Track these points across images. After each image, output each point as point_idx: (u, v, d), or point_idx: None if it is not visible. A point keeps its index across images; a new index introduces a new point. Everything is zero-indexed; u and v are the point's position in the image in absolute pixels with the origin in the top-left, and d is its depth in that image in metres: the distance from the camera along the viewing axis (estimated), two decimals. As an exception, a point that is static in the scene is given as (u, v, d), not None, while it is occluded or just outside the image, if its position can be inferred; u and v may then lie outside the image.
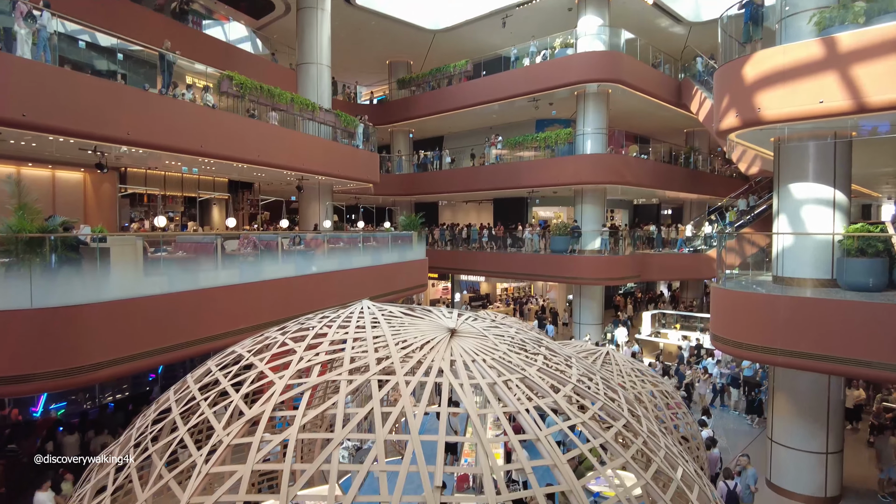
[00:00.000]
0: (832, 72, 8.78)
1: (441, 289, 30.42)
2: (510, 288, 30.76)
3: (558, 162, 21.16)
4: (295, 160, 15.32)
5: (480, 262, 23.92)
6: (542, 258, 21.42)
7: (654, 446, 4.70)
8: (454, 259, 24.76)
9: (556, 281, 24.98)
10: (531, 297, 30.14)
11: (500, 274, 24.79)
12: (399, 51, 27.24)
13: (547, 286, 30.14)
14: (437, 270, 26.56)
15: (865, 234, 9.35)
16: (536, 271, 22.07)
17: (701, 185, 25.07)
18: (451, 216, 31.48)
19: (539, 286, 30.78)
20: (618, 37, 21.04)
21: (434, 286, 30.41)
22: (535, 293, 30.89)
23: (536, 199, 26.86)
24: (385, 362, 4.54)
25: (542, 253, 21.81)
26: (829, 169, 10.15)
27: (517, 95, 22.02)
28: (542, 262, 21.48)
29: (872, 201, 28.77)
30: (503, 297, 30.19)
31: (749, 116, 9.61)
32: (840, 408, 11.14)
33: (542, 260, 21.41)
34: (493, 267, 23.64)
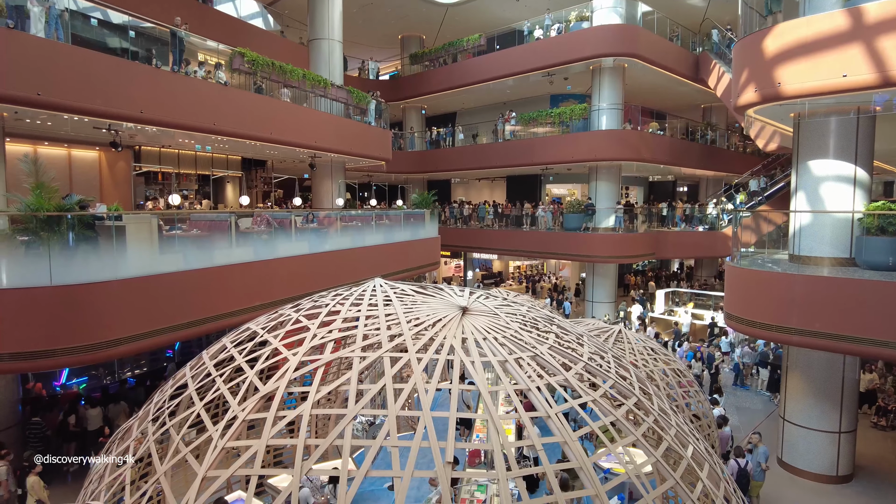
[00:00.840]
0: (857, 44, 8.52)
1: (454, 266, 30.47)
2: (523, 266, 30.73)
3: (573, 138, 20.88)
4: (307, 137, 15.29)
5: (493, 240, 23.86)
6: (556, 236, 21.30)
7: (665, 424, 4.72)
8: (466, 237, 24.72)
9: (569, 259, 24.87)
10: (544, 275, 30.09)
11: (513, 252, 24.73)
12: (411, 25, 26.89)
13: (560, 264, 30.04)
14: (450, 248, 26.55)
15: (887, 211, 9.15)
16: (549, 249, 21.97)
17: (718, 162, 24.64)
18: (465, 194, 31.35)
19: (552, 264, 30.69)
20: (634, 9, 20.55)
21: (447, 264, 30.45)
22: (548, 271, 30.83)
23: (550, 177, 26.62)
24: (397, 339, 4.59)
25: (555, 231, 21.69)
26: (851, 145, 9.91)
27: (531, 70, 21.69)
28: (555, 240, 21.36)
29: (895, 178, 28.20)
30: (516, 274, 30.17)
31: (769, 91, 9.38)
32: (854, 387, 11.06)
33: (556, 238, 21.29)
34: (505, 245, 23.57)
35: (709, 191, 27.72)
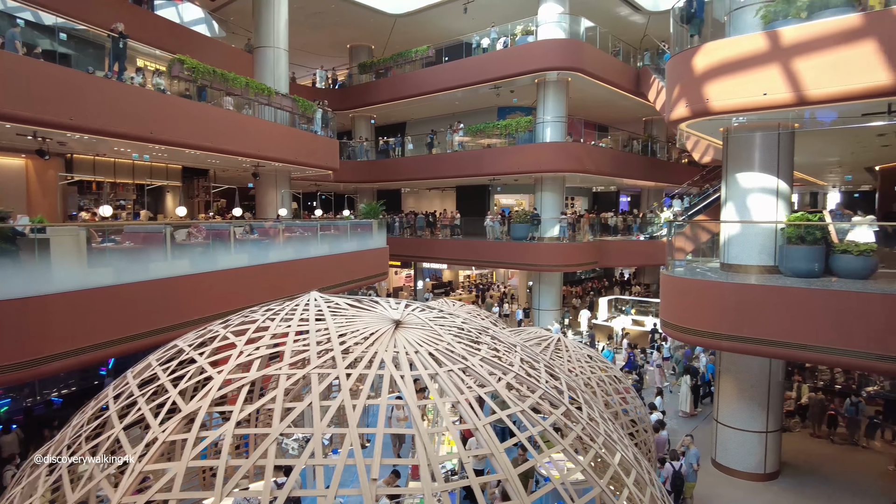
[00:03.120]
0: (775, 65, 9.03)
1: (404, 276, 30.39)
2: (473, 275, 30.94)
3: (519, 149, 21.28)
4: (250, 146, 14.99)
5: (442, 250, 23.98)
6: (504, 245, 21.59)
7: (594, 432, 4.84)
8: (416, 247, 24.74)
9: (516, 268, 25.25)
10: (493, 284, 30.39)
11: (463, 261, 24.92)
12: (360, 35, 26.85)
13: (509, 273, 30.43)
14: (400, 258, 26.50)
15: (805, 222, 9.71)
16: (498, 258, 22.25)
17: (658, 173, 25.59)
18: (415, 203, 31.37)
19: (501, 273, 31.04)
20: (577, 25, 21.15)
21: (397, 274, 30.35)
22: (498, 280, 31.15)
23: (498, 187, 26.98)
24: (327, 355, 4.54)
25: (503, 240, 21.99)
26: (774, 159, 10.48)
27: (479, 82, 22.00)
28: (503, 250, 21.65)
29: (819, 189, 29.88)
30: (466, 283, 30.34)
31: (698, 107, 9.83)
32: (780, 389, 11.64)
33: (504, 247, 21.58)
34: (455, 254, 23.72)
35: (650, 200, 28.71)
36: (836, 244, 9.83)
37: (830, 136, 12.12)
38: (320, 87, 28.18)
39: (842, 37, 8.49)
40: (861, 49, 8.30)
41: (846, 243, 9.72)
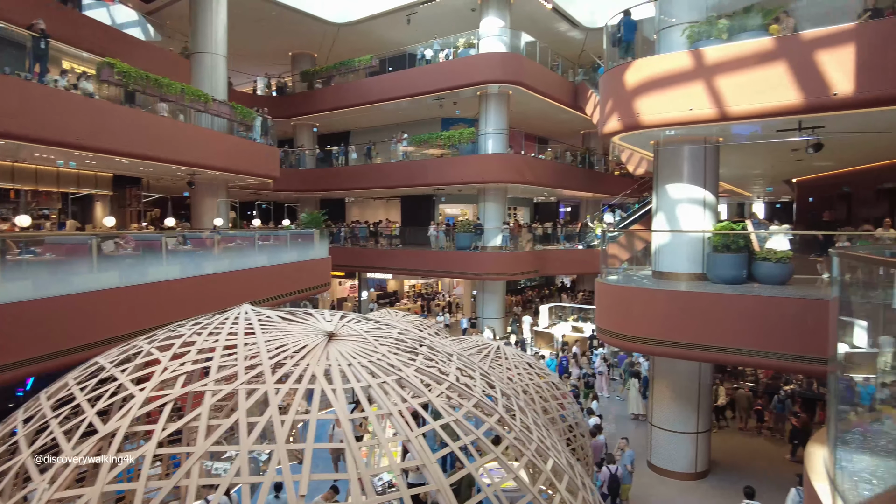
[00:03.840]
0: (700, 82, 9.53)
1: (349, 287, 30.04)
2: (418, 285, 30.93)
3: (462, 160, 21.52)
4: (185, 154, 14.51)
5: (387, 260, 23.88)
6: (448, 255, 21.73)
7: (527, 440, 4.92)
8: (360, 257, 24.54)
9: (460, 277, 25.43)
10: (438, 293, 30.46)
11: (407, 271, 24.89)
12: (302, 43, 26.54)
13: (454, 282, 30.60)
14: (344, 268, 26.20)
15: (728, 231, 10.24)
16: (442, 268, 22.36)
17: (596, 184, 26.42)
18: (360, 213, 31.13)
19: (447, 282, 31.18)
20: (518, 39, 21.64)
21: (341, 284, 29.97)
22: (443, 289, 31.26)
23: (443, 197, 27.15)
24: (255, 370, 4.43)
25: (447, 249, 22.12)
26: (701, 171, 11.02)
27: (422, 93, 22.14)
28: (447, 259, 21.78)
29: (746, 200, 31.62)
30: (411, 293, 30.29)
31: (629, 121, 10.23)
32: (709, 391, 12.18)
33: (448, 256, 21.71)
34: (399, 264, 23.68)
35: (588, 210, 29.56)
36: (757, 252, 10.41)
37: (752, 150, 12.85)
38: (261, 95, 27.65)
39: (757, 58, 9.06)
40: (774, 70, 8.88)
41: (766, 251, 10.32)
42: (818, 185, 19.28)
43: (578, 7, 23.14)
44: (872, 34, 8.19)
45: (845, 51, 8.29)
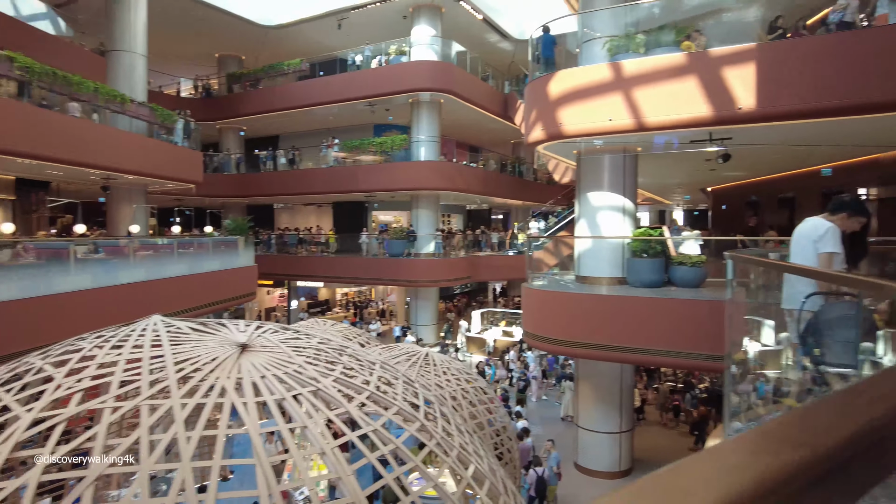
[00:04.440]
0: (618, 93, 9.92)
1: (277, 296, 29.21)
2: (350, 292, 30.48)
3: (394, 167, 21.45)
4: (98, 157, 13.64)
5: (318, 268, 23.39)
6: (380, 262, 21.55)
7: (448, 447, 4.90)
8: (290, 265, 23.91)
9: (393, 284, 25.30)
10: (372, 301, 30.14)
11: (339, 279, 24.50)
12: (230, 45, 25.72)
13: (388, 290, 30.37)
14: (273, 277, 25.46)
15: (646, 237, 10.68)
16: (375, 275, 22.17)
17: (526, 193, 27.02)
18: (290, 220, 30.35)
19: (380, 290, 30.91)
20: (449, 48, 21.87)
21: (270, 294, 29.11)
22: (377, 297, 30.96)
23: (375, 204, 26.94)
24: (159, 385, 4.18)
25: (380, 257, 21.93)
26: (620, 179, 11.47)
27: (353, 99, 21.93)
28: (380, 266, 21.60)
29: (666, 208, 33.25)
30: (343, 301, 29.80)
31: (552, 130, 10.50)
32: (630, 392, 12.64)
33: (381, 264, 21.53)
34: (330, 272, 23.27)
35: (519, 218, 30.19)
36: (673, 257, 10.91)
37: (668, 160, 13.49)
38: (186, 97, 26.54)
39: (671, 72, 9.53)
40: (686, 84, 9.36)
41: (681, 256, 10.84)
42: (730, 193, 20.53)
43: (508, 19, 23.66)
44: (770, 54, 8.80)
45: (748, 68, 8.86)
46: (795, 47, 8.73)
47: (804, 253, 3.65)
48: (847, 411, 0.62)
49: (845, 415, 0.61)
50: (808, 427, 0.58)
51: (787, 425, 0.59)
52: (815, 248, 3.56)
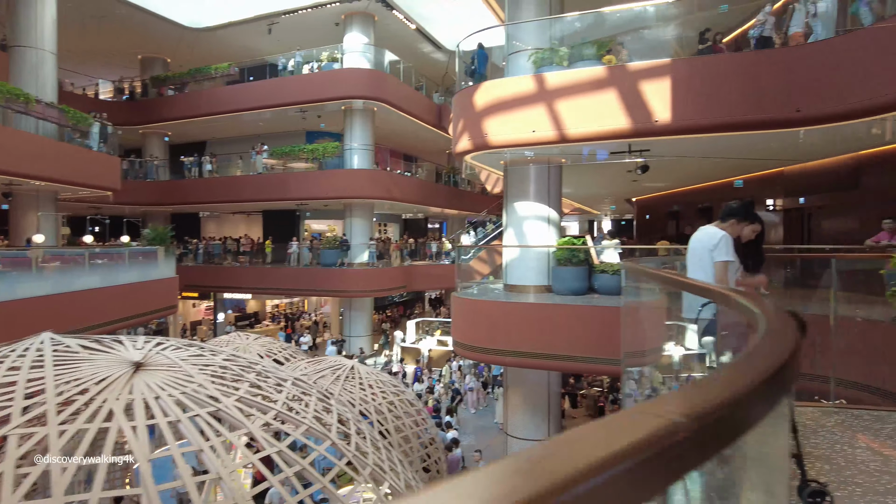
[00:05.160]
0: (542, 105, 10.10)
1: (203, 309, 28.00)
2: (282, 304, 29.60)
3: (327, 175, 21.08)
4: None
5: (246, 279, 22.58)
6: (312, 272, 21.04)
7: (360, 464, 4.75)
8: (216, 276, 22.95)
9: (326, 295, 24.80)
10: (304, 313, 29.39)
11: (269, 290, 23.73)
12: (154, 46, 24.60)
13: (321, 300, 29.74)
14: (198, 289, 24.42)
15: (570, 246, 10.91)
16: (306, 286, 21.66)
17: (461, 202, 27.18)
18: (217, 229, 29.21)
19: (314, 301, 30.21)
20: (382, 56, 21.80)
21: (195, 307, 27.87)
22: (310, 308, 30.22)
23: (307, 213, 26.36)
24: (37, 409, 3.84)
25: (311, 267, 21.42)
26: (546, 190, 11.67)
27: (284, 105, 21.44)
28: (311, 277, 21.08)
29: (595, 217, 34.37)
30: (274, 313, 28.90)
31: (478, 141, 10.57)
32: (558, 398, 12.83)
33: (312, 274, 21.02)
34: (259, 283, 22.52)
35: (454, 227, 30.34)
36: (596, 265, 11.18)
37: (593, 171, 13.88)
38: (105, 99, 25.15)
39: (592, 85, 9.80)
40: (607, 96, 9.64)
41: (604, 264, 11.13)
42: (653, 204, 21.41)
43: (442, 29, 23.80)
44: (683, 70, 9.20)
45: (663, 83, 9.23)
46: (704, 64, 9.18)
47: (701, 262, 3.75)
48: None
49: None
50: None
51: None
52: (711, 258, 3.65)
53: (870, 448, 3.42)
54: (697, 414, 0.67)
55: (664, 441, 0.60)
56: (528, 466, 0.54)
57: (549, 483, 0.50)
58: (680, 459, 0.62)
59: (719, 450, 0.72)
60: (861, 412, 4.10)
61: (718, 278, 3.60)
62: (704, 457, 0.67)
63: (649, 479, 0.59)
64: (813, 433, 3.68)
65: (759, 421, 0.83)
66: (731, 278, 3.73)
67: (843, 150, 10.69)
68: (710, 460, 0.68)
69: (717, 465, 1.65)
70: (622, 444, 0.57)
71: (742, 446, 1.36)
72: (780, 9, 9.69)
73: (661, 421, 0.63)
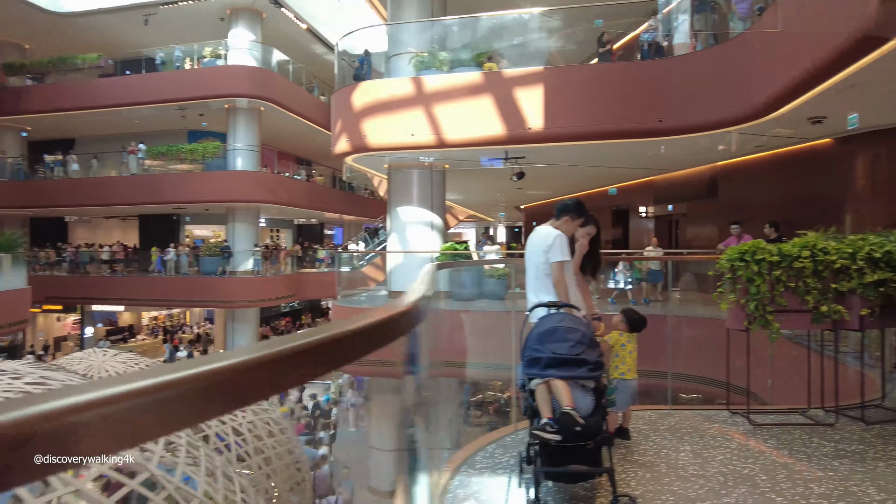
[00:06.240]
0: (421, 109, 9.95)
1: (70, 323, 25.32)
2: (160, 316, 27.39)
3: (208, 177, 19.81)
4: None
5: (117, 289, 20.57)
6: (190, 281, 19.60)
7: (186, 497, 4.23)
8: (83, 286, 20.75)
9: (206, 306, 23.28)
10: (186, 325, 27.36)
11: (142, 302, 21.77)
12: (8, 29, 21.95)
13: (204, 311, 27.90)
14: (63, 301, 22.01)
15: (452, 251, 10.79)
16: (184, 297, 20.22)
17: (357, 207, 26.57)
18: (89, 235, 26.56)
19: (196, 312, 28.25)
20: (270, 55, 20.91)
21: (61, 320, 25.14)
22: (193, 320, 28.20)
23: (187, 217, 24.65)
24: None
25: (190, 276, 19.96)
26: (428, 195, 11.51)
27: (163, 101, 19.89)
28: (189, 287, 19.64)
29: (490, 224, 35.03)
30: (152, 326, 26.68)
31: (357, 143, 10.23)
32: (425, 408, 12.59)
33: (191, 283, 19.58)
34: (132, 294, 20.58)
35: (351, 233, 29.65)
36: (486, 271, 11.13)
37: (477, 177, 13.94)
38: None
39: (470, 90, 9.78)
40: (483, 102, 9.64)
41: (491, 269, 11.10)
42: (539, 211, 22.02)
43: (334, 31, 23.18)
44: (555, 78, 9.39)
45: (536, 90, 9.36)
46: (574, 73, 9.44)
47: (535, 263, 3.61)
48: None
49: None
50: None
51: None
52: (546, 258, 3.51)
53: (693, 451, 3.43)
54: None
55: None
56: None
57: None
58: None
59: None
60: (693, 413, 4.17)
61: (556, 280, 3.45)
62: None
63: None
64: (645, 439, 3.66)
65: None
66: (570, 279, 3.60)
67: (703, 160, 11.43)
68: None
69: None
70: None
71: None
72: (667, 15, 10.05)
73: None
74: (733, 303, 3.92)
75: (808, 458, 3.34)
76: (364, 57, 12.10)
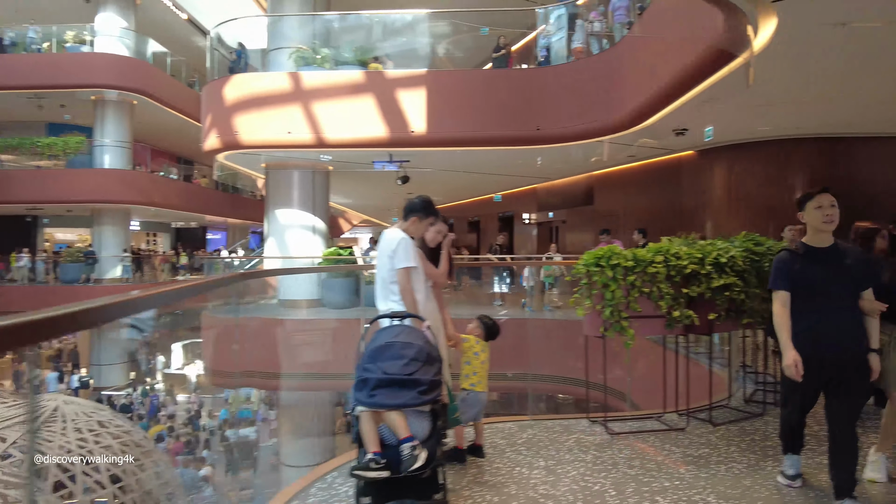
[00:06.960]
0: (299, 106, 9.46)
1: None
2: (15, 330, 24.29)
3: (68, 174, 17.83)
4: None
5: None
6: (48, 291, 17.52)
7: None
8: None
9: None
10: (45, 340, 24.46)
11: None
12: None
13: (73, 323, 25.13)
14: None
15: (336, 256, 10.34)
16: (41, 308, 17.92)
17: (241, 210, 25.06)
18: (-78, 238, 23.03)
19: (59, 324, 25.37)
20: (145, 45, 19.26)
21: None
22: (56, 333, 25.33)
23: (44, 219, 22.09)
24: None
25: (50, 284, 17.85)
26: (310, 197, 10.97)
27: (13, 88, 17.59)
28: (48, 296, 17.48)
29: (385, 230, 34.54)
30: (5, 342, 23.57)
31: (229, 139, 9.57)
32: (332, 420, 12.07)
33: (48, 293, 17.47)
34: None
35: (236, 237, 28.06)
36: (366, 277, 10.74)
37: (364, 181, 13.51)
38: None
39: (352, 89, 9.44)
40: (366, 102, 9.33)
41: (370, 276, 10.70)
42: (433, 216, 21.93)
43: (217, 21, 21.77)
44: (439, 81, 9.28)
45: (419, 93, 9.19)
46: (457, 78, 9.39)
47: (382, 271, 3.34)
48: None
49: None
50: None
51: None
52: (392, 265, 3.24)
53: (546, 467, 3.33)
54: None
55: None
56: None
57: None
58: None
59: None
60: (553, 423, 4.11)
61: (402, 288, 3.20)
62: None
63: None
64: (500, 455, 3.52)
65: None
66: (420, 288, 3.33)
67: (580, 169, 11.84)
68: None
69: None
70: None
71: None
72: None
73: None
74: (590, 308, 3.88)
75: (658, 467, 3.34)
76: (240, 50, 11.37)
